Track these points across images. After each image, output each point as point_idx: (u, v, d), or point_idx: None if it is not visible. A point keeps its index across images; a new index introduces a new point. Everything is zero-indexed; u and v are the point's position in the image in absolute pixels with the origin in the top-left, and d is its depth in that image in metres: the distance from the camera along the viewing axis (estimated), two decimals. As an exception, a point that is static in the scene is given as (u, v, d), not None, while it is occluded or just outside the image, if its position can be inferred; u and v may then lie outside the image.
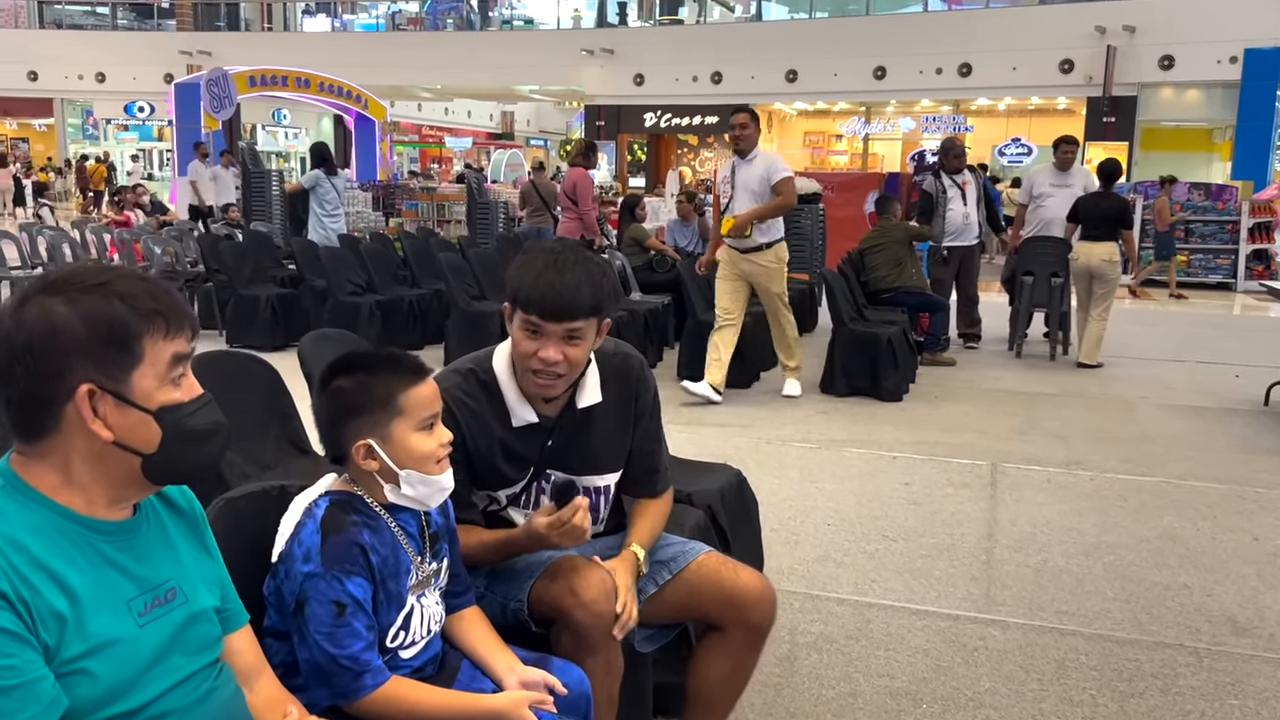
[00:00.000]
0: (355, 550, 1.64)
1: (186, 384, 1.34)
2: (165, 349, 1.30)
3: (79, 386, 1.25)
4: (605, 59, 24.89)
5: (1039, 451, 5.47)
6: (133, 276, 1.31)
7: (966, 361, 8.17)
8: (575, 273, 1.98)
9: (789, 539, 4.09)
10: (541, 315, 1.97)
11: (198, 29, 29.34)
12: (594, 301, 2.00)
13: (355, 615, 1.62)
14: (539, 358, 1.99)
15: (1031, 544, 4.10)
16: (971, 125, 24.95)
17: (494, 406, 2.11)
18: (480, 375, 2.13)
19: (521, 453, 2.13)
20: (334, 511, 1.68)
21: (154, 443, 1.30)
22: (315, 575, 1.62)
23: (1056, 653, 3.18)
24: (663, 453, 2.34)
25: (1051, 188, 8.42)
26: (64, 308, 1.25)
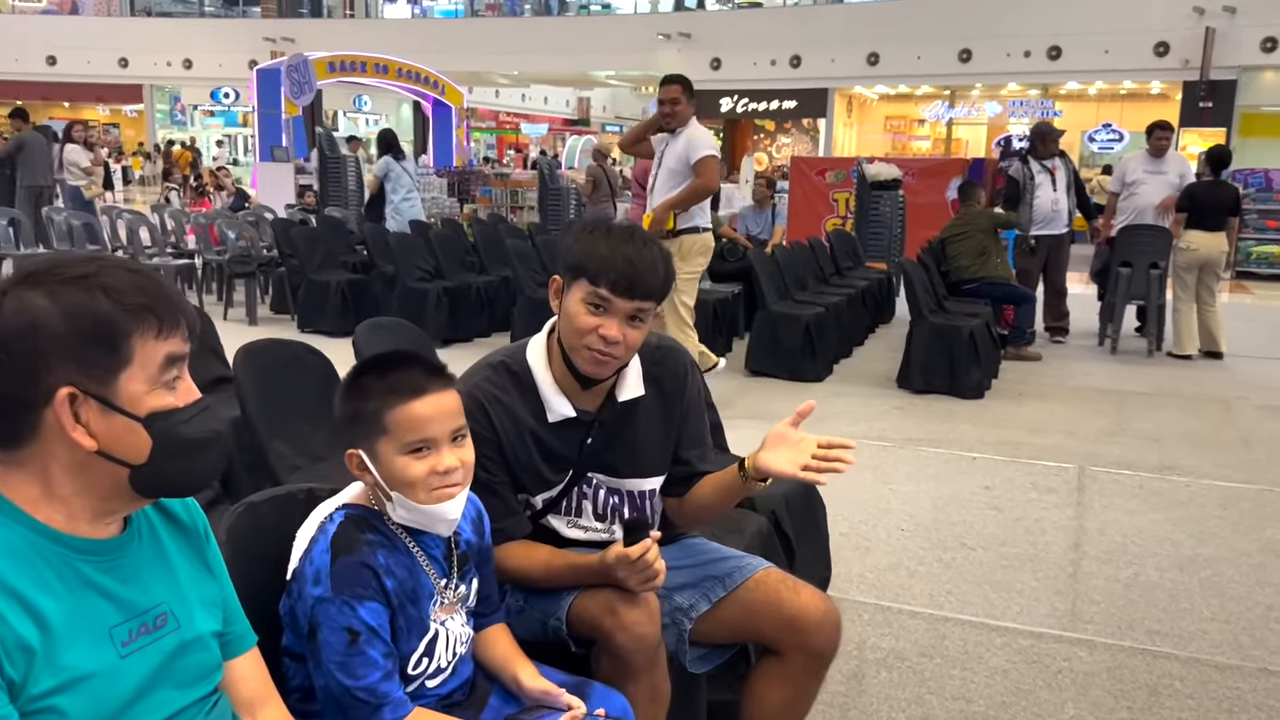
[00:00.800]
0: (366, 573, 1.50)
1: (182, 388, 1.21)
2: (157, 349, 1.17)
3: (59, 389, 1.12)
4: (682, 43, 24.60)
5: (1130, 454, 5.17)
6: (120, 267, 1.18)
7: (1053, 356, 7.81)
8: (653, 251, 1.87)
9: (859, 545, 3.88)
10: (614, 290, 1.82)
11: (281, 16, 29.74)
12: (664, 283, 1.88)
13: (370, 643, 1.48)
14: (599, 334, 1.84)
15: (1122, 556, 3.84)
16: (1060, 110, 24.14)
17: (528, 401, 1.96)
18: (513, 367, 1.98)
19: (559, 451, 1.98)
20: (347, 529, 1.54)
21: (143, 452, 1.17)
22: (325, 600, 1.49)
23: (1148, 677, 2.93)
24: (710, 454, 2.16)
25: (1145, 174, 8.03)
26: (44, 301, 1.12)
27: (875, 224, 10.69)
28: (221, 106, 32.25)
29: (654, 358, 2.05)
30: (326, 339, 7.01)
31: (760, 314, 6.82)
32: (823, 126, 25.03)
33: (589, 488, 2.04)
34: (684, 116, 5.55)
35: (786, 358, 6.62)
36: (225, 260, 9.21)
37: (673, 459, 2.10)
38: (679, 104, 5.51)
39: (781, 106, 25.17)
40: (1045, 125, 8.53)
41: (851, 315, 7.77)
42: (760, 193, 10.10)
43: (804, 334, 6.56)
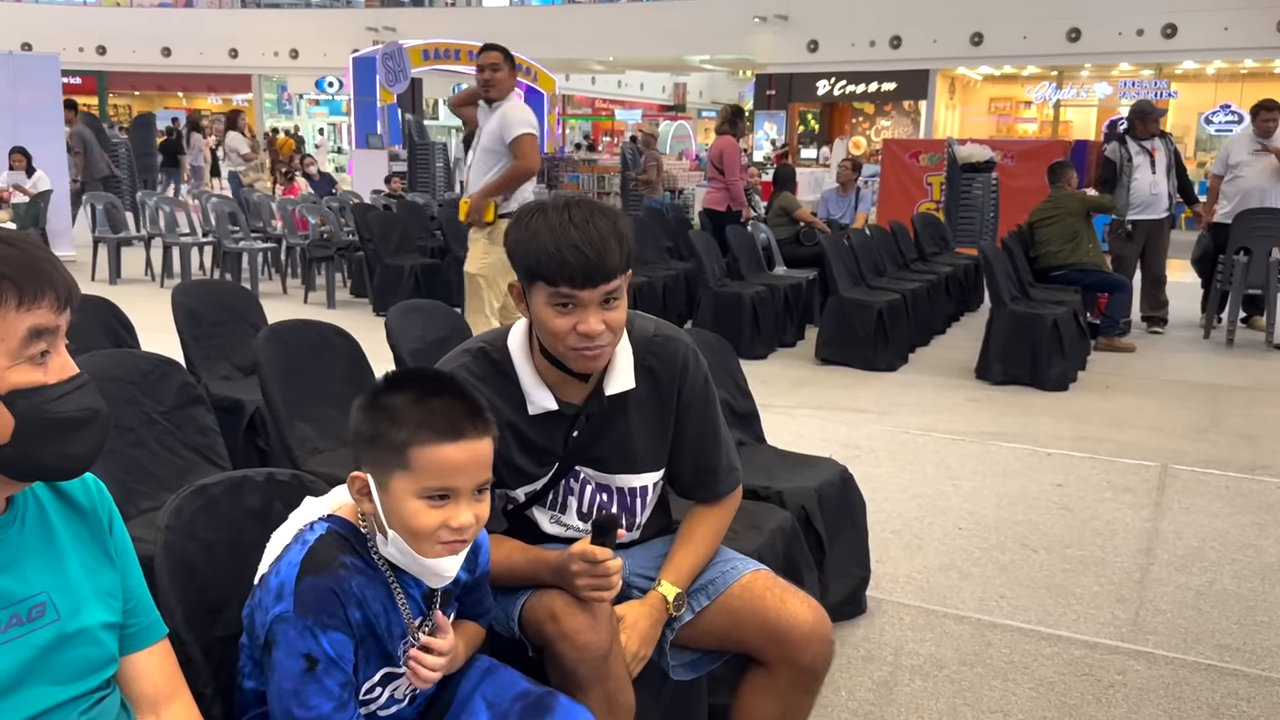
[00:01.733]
0: (334, 601, 1.37)
1: (54, 363, 1.13)
2: (18, 322, 1.09)
3: None
4: (778, 26, 24.21)
5: (1219, 453, 4.83)
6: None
7: (1148, 348, 7.40)
8: (597, 225, 1.66)
9: (911, 543, 3.68)
10: (573, 284, 1.66)
11: (384, 6, 30.28)
12: (625, 253, 1.69)
13: (327, 672, 1.36)
14: (578, 333, 1.69)
15: (1197, 562, 3.56)
16: (1175, 91, 23.02)
17: (507, 391, 1.83)
18: (493, 355, 1.85)
19: (542, 445, 1.85)
20: (324, 545, 1.41)
21: (5, 432, 1.10)
22: (286, 619, 1.36)
23: (1211, 696, 2.69)
24: (723, 450, 1.99)
25: (1250, 156, 7.55)
26: None
27: (966, 208, 10.31)
28: (326, 95, 33.01)
29: (650, 347, 1.90)
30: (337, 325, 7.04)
31: (831, 300, 6.60)
32: (924, 109, 24.36)
33: (575, 483, 1.91)
34: (504, 87, 5.05)
35: (857, 346, 6.39)
36: (306, 245, 9.35)
37: (683, 453, 1.95)
38: (499, 70, 5.00)
39: (881, 89, 24.57)
40: (1144, 104, 8.06)
41: (932, 303, 7.47)
42: (844, 175, 9.82)
43: (876, 321, 6.32)
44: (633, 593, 1.91)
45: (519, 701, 1.53)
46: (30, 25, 26.57)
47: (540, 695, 1.56)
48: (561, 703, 1.55)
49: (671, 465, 1.96)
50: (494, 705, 1.54)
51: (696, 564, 1.90)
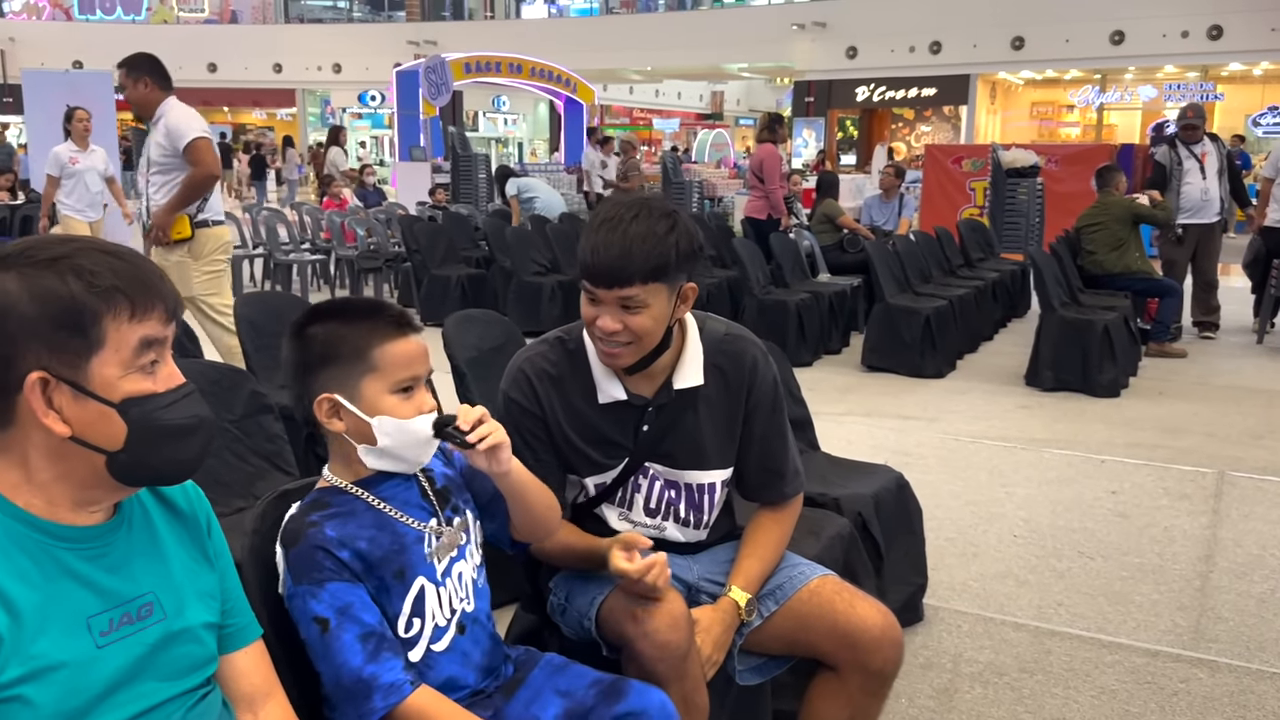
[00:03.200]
0: (319, 554, 1.44)
1: (164, 372, 1.18)
2: (131, 333, 1.14)
3: (29, 374, 1.10)
4: (817, 33, 24.18)
5: (1277, 459, 4.76)
6: (94, 249, 1.15)
7: (1200, 353, 7.30)
8: (630, 233, 1.71)
9: (966, 550, 3.67)
10: (591, 281, 1.75)
11: (425, 19, 30.62)
12: (649, 266, 1.71)
13: (341, 628, 1.42)
14: (598, 325, 1.78)
15: (1258, 569, 3.52)
16: (1222, 93, 22.71)
17: (580, 379, 1.89)
18: (569, 344, 1.92)
19: (611, 436, 1.89)
20: (292, 521, 1.50)
21: (119, 439, 1.14)
22: (290, 596, 1.45)
23: (1277, 705, 2.66)
24: (788, 454, 2.01)
25: None
26: (14, 284, 1.10)
27: (1011, 213, 10.23)
28: (368, 109, 33.42)
29: (720, 346, 1.94)
30: (444, 332, 7.12)
31: (877, 307, 6.58)
32: (964, 114, 24.20)
33: (644, 478, 1.94)
34: (149, 101, 4.73)
35: (904, 353, 6.37)
36: (355, 256, 9.47)
37: (750, 453, 1.97)
38: (133, 89, 4.72)
39: (921, 94, 24.46)
40: (1187, 107, 7.96)
41: (979, 309, 7.43)
42: (887, 181, 9.78)
43: (923, 328, 6.29)
44: (701, 598, 1.94)
45: (593, 688, 1.57)
46: (81, 43, 27.17)
47: (613, 680, 1.60)
48: (634, 685, 1.59)
49: (738, 465, 1.98)
50: (568, 694, 1.57)
51: (765, 570, 1.92)
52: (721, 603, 1.86)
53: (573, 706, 1.56)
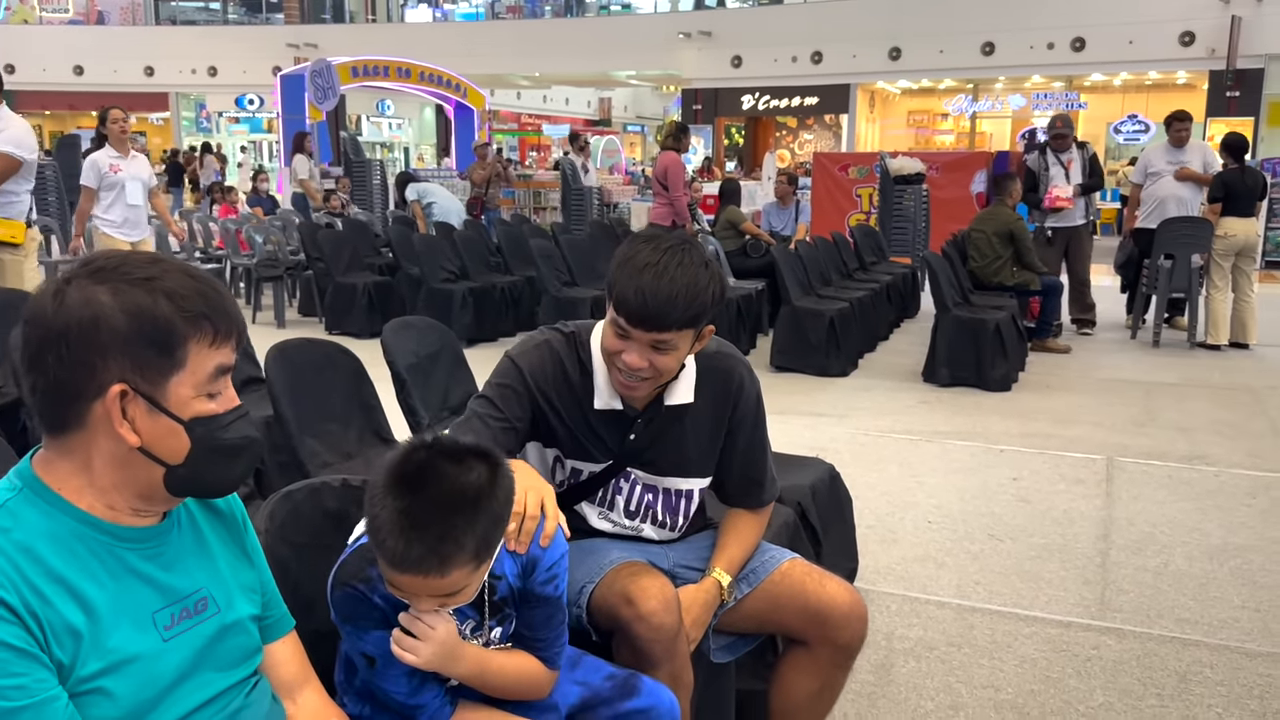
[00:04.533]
0: (364, 606, 1.45)
1: (226, 395, 1.25)
2: (210, 358, 1.21)
3: (112, 385, 1.16)
4: (703, 41, 24.59)
5: (1159, 445, 5.15)
6: (182, 272, 1.21)
7: (1080, 349, 7.78)
8: (675, 281, 1.78)
9: (886, 537, 3.89)
10: (629, 321, 1.80)
11: (304, 22, 29.97)
12: (690, 314, 1.80)
13: (387, 665, 1.47)
14: (623, 359, 1.84)
15: (1150, 545, 3.83)
16: (1085, 102, 23.96)
17: (580, 378, 1.97)
18: (578, 346, 1.99)
19: (601, 436, 1.99)
20: (355, 558, 1.48)
21: (181, 454, 1.21)
22: (340, 623, 1.50)
23: (1178, 665, 2.93)
24: (767, 464, 2.14)
25: (1167, 166, 8.02)
26: (108, 298, 1.16)
27: (899, 218, 10.68)
28: (246, 113, 32.53)
29: (710, 363, 2.03)
30: (354, 340, 7.09)
31: (784, 309, 6.82)
32: (845, 122, 24.94)
33: (625, 482, 2.04)
34: None
35: (811, 353, 6.63)
36: (253, 264, 9.30)
37: (732, 464, 2.08)
38: None
39: (804, 103, 25.09)
40: (1054, 118, 8.45)
41: (876, 310, 7.76)
42: (782, 189, 10.09)
43: (828, 329, 6.56)
44: (676, 582, 2.06)
45: (608, 681, 1.68)
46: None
47: (625, 676, 1.71)
48: (645, 682, 1.70)
49: (720, 475, 2.10)
50: (585, 684, 1.68)
51: (745, 556, 2.05)
52: (705, 583, 1.98)
53: (589, 696, 1.67)
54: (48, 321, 1.16)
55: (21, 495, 1.18)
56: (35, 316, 1.17)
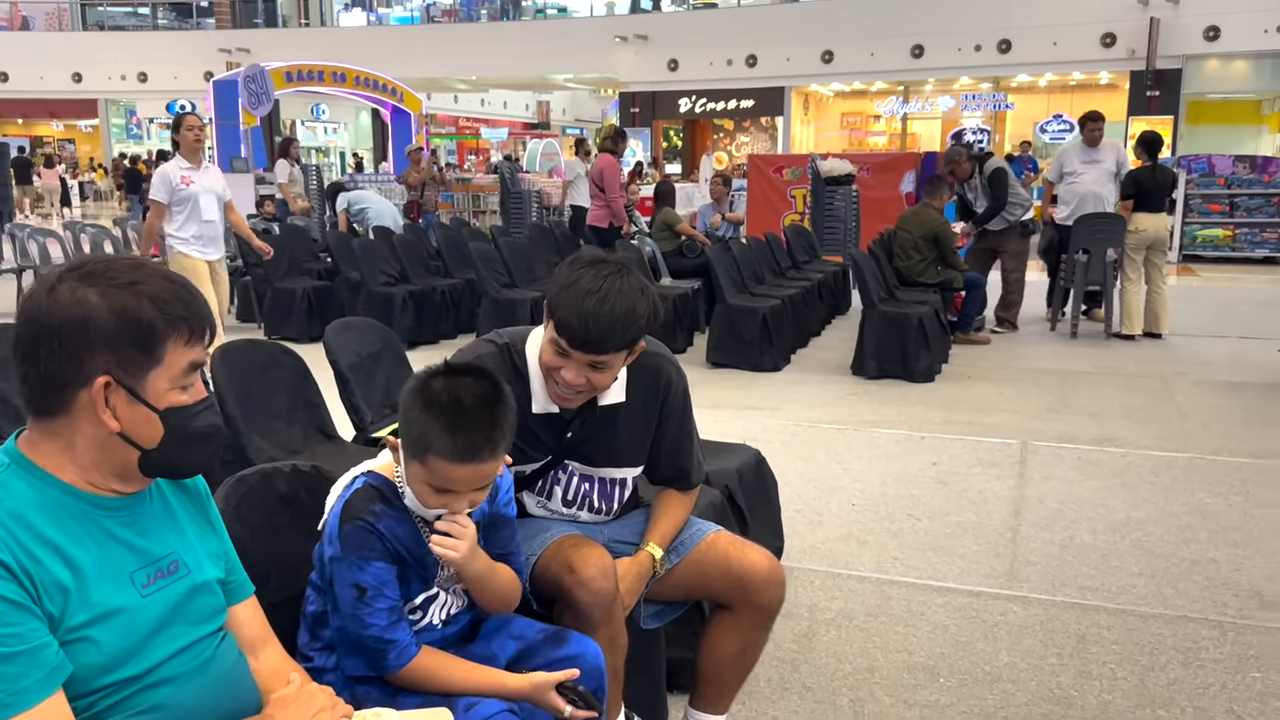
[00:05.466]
0: (372, 537, 1.67)
1: (194, 388, 1.39)
2: (184, 355, 1.35)
3: (97, 377, 1.30)
4: (639, 45, 24.84)
5: (1071, 429, 5.43)
6: (162, 277, 1.36)
7: (1001, 341, 8.11)
8: (615, 308, 1.91)
9: (812, 519, 4.10)
10: (570, 344, 1.94)
11: (236, 27, 29.68)
12: (627, 339, 1.95)
13: (375, 598, 1.66)
14: (562, 375, 1.99)
15: (1058, 521, 4.08)
16: (1012, 103, 24.62)
17: (518, 387, 2.07)
18: (513, 355, 2.12)
19: (541, 438, 2.14)
20: (358, 497, 1.70)
21: (156, 440, 1.35)
22: (337, 559, 1.68)
23: (1078, 627, 3.17)
24: (694, 451, 2.31)
25: (1082, 165, 8.40)
26: (96, 299, 1.30)
27: (830, 218, 10.96)
28: (178, 119, 32.12)
29: (640, 363, 2.16)
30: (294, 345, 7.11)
31: (719, 307, 7.03)
32: (780, 124, 25.35)
33: (563, 473, 2.20)
34: None
35: (745, 349, 6.84)
36: (191, 271, 9.28)
37: (661, 453, 2.24)
38: None
39: (739, 105, 25.47)
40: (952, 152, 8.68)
41: (808, 307, 8.00)
42: (717, 191, 10.32)
43: (761, 326, 6.78)
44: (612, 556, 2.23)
45: (540, 634, 1.85)
46: None
47: (556, 630, 1.90)
48: (573, 635, 1.88)
49: (651, 462, 2.27)
50: (520, 638, 1.85)
51: (675, 531, 2.23)
52: (639, 555, 2.15)
53: (524, 647, 1.85)
54: (42, 318, 1.30)
55: (10, 470, 1.32)
56: (30, 313, 1.31)
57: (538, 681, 1.72)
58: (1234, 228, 14.33)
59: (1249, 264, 14.06)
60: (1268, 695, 2.76)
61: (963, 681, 2.84)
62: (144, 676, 1.34)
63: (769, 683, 2.82)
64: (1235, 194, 14.30)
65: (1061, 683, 2.83)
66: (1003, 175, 8.18)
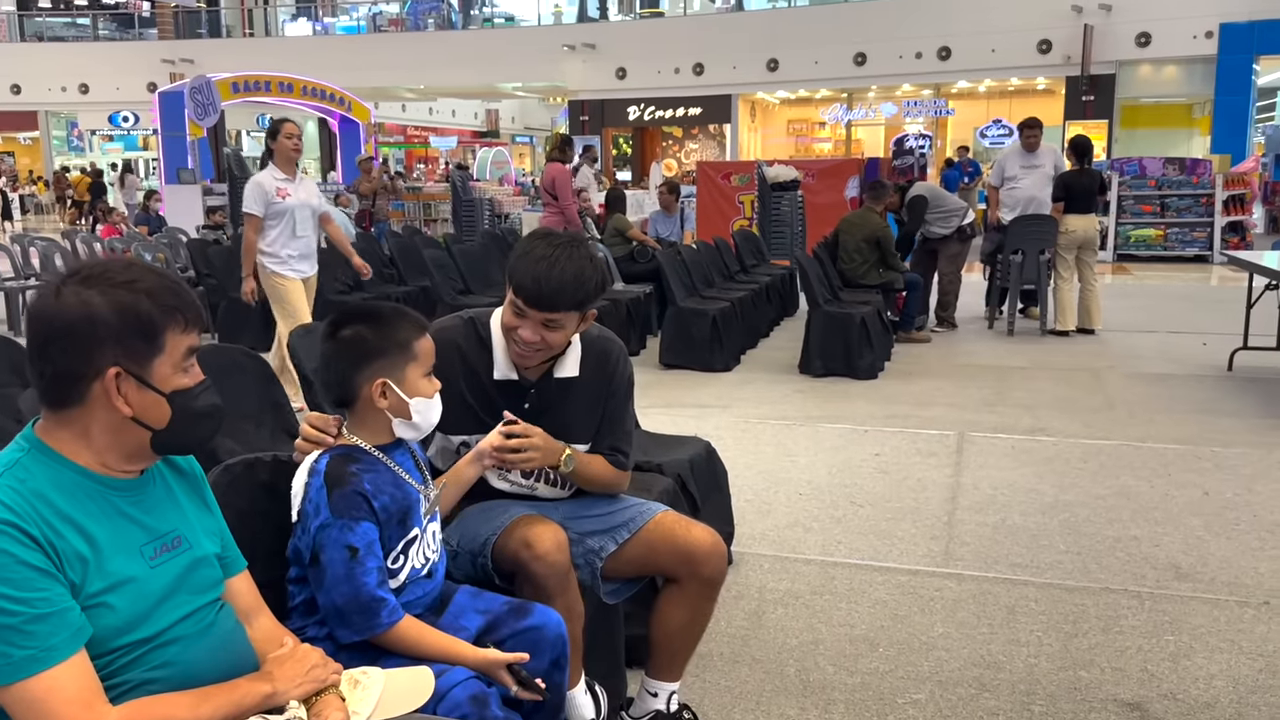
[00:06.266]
0: (359, 499, 1.85)
1: (194, 371, 1.55)
2: (182, 342, 1.51)
3: (108, 369, 1.45)
4: (587, 54, 25.04)
5: (1005, 421, 5.69)
6: (154, 274, 1.51)
7: (941, 339, 8.40)
8: (565, 270, 2.17)
9: (761, 508, 4.30)
10: (525, 302, 2.19)
11: (179, 37, 29.40)
12: (576, 299, 2.20)
13: (366, 557, 1.83)
14: (519, 334, 2.22)
15: (991, 505, 4.32)
16: (953, 108, 25.15)
17: (482, 357, 2.33)
18: (478, 326, 2.35)
19: (500, 406, 2.32)
20: (335, 465, 1.87)
21: (164, 420, 1.50)
22: (327, 525, 1.83)
23: (1008, 600, 3.39)
24: (628, 434, 2.50)
25: (1021, 170, 8.74)
26: (99, 299, 1.45)
27: (777, 223, 11.23)
28: (120, 130, 31.73)
29: (593, 345, 2.41)
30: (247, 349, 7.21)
31: (670, 310, 7.23)
32: (728, 131, 25.67)
33: None
34: None
35: (696, 350, 7.04)
36: (143, 282, 9.29)
37: (599, 429, 2.43)
38: None
39: (688, 113, 25.74)
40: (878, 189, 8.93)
41: (756, 309, 8.23)
42: (664, 199, 10.54)
43: (711, 327, 6.99)
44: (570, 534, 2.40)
45: (505, 606, 2.02)
46: None
47: (520, 603, 2.06)
48: (536, 607, 2.05)
49: (595, 438, 2.45)
50: (486, 611, 2.01)
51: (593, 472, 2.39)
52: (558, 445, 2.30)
53: (491, 620, 2.01)
54: (51, 321, 1.45)
55: (31, 454, 1.46)
56: (39, 317, 1.46)
57: (491, 659, 1.88)
58: (1165, 227, 14.85)
59: (1180, 262, 14.59)
60: (1179, 656, 3.00)
61: (900, 651, 3.05)
62: (155, 638, 1.48)
63: (721, 657, 3.00)
64: (1166, 195, 14.82)
65: (992, 650, 3.05)
66: (920, 202, 8.59)
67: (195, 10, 30.41)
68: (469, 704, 1.79)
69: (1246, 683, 2.85)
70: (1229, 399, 6.15)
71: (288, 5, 32.91)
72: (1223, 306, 9.96)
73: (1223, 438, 5.27)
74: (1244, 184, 14.79)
